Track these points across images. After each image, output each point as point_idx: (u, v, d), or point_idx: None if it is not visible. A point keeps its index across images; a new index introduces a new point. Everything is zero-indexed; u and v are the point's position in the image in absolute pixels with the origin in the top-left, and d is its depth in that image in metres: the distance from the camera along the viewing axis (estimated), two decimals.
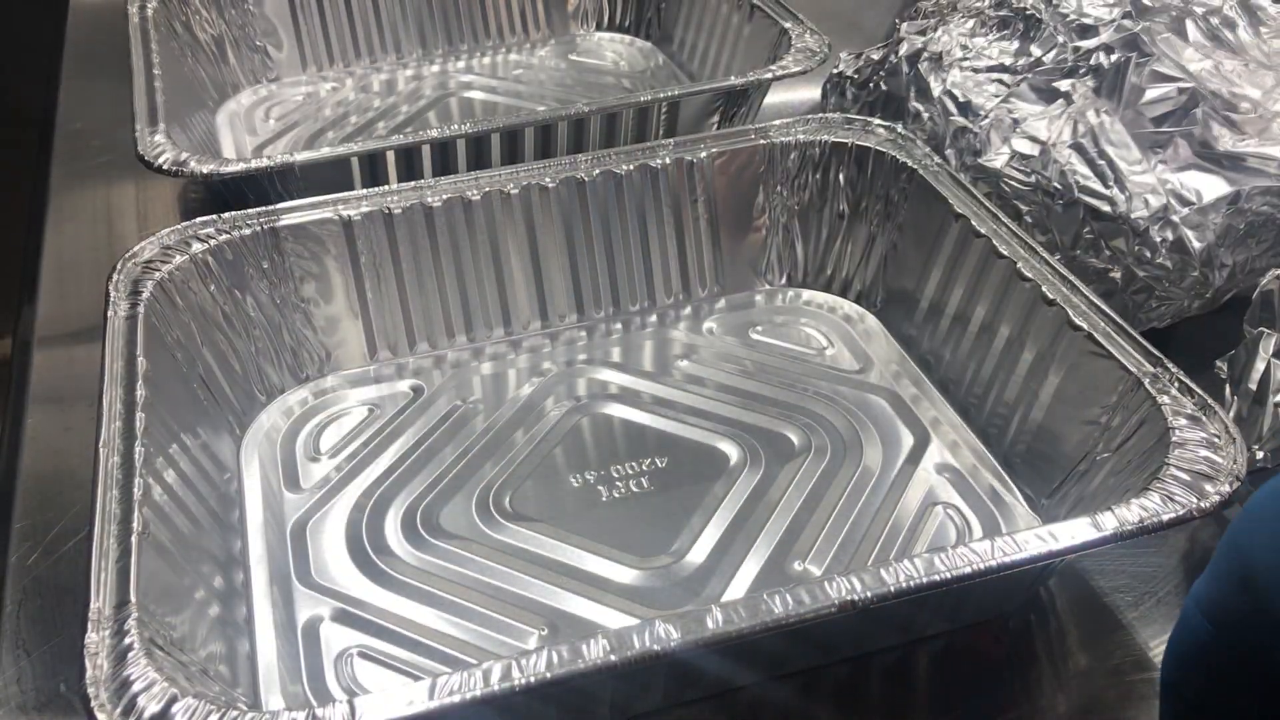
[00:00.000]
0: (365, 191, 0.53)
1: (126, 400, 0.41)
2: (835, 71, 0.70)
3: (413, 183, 0.54)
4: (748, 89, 0.66)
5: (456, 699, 0.31)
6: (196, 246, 0.49)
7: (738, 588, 0.44)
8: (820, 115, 0.59)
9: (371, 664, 0.41)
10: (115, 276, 0.47)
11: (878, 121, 0.58)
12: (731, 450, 0.50)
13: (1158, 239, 0.51)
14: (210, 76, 0.76)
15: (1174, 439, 0.40)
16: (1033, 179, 0.54)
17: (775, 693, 0.40)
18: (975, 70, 0.60)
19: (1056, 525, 0.36)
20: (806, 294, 0.60)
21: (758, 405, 0.53)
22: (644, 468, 0.49)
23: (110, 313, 0.45)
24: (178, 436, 0.43)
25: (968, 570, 0.35)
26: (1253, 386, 0.44)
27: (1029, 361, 0.48)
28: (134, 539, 0.36)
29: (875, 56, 0.67)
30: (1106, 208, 0.52)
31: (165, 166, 0.56)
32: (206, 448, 0.46)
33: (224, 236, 0.50)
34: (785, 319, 0.59)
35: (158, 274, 0.47)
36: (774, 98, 0.73)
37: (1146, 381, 0.43)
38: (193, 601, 0.38)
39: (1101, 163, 0.53)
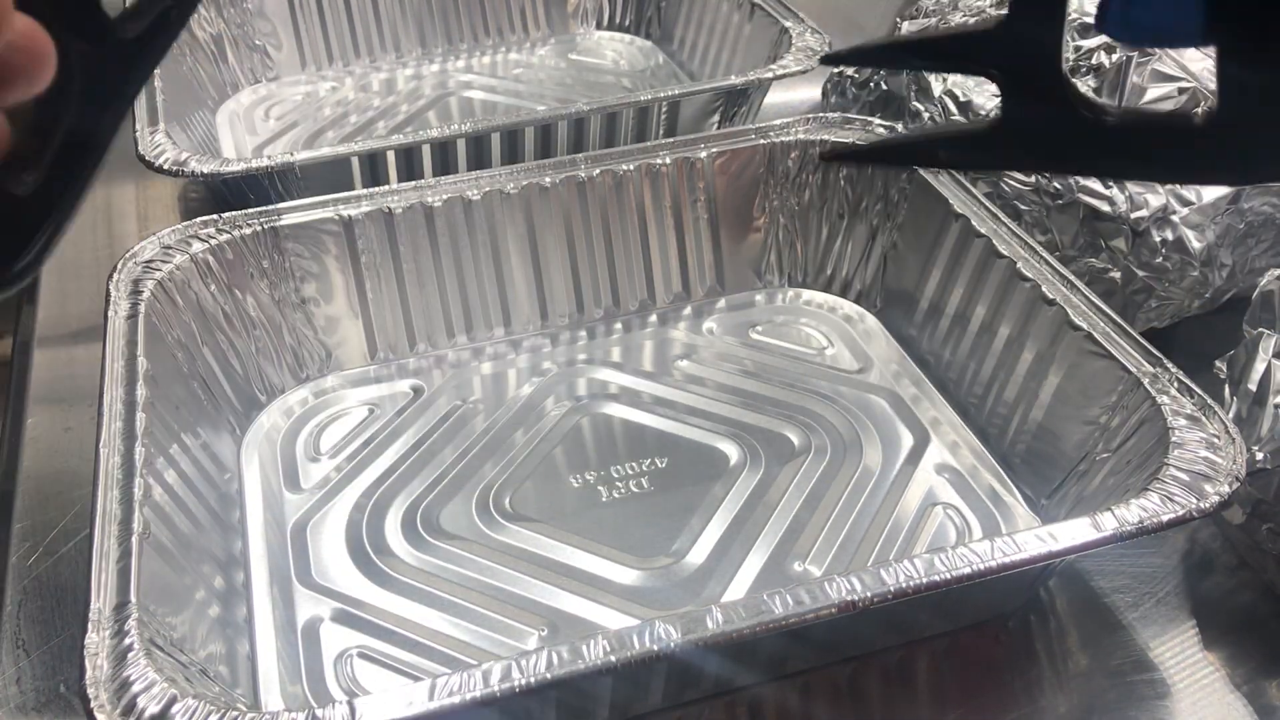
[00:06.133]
0: (365, 191, 0.53)
1: (127, 400, 0.41)
2: (835, 71, 0.70)
3: (413, 182, 0.54)
4: (748, 88, 0.66)
5: (456, 699, 0.31)
6: (197, 246, 0.49)
7: (738, 588, 0.44)
8: (820, 115, 0.59)
9: (371, 664, 0.41)
10: (116, 276, 0.47)
11: (878, 121, 0.58)
12: (731, 450, 0.50)
13: (1157, 239, 0.51)
14: (210, 76, 0.76)
15: (1173, 439, 0.40)
16: (1032, 179, 0.54)
17: (775, 693, 0.40)
18: None
19: (1056, 526, 0.36)
20: (806, 294, 0.60)
21: (758, 405, 0.53)
22: (644, 468, 0.49)
23: (111, 312, 0.45)
24: (178, 436, 0.43)
25: (967, 571, 0.35)
26: (1252, 387, 0.44)
27: (1028, 361, 0.48)
28: (134, 539, 0.36)
29: None
30: (1106, 208, 0.52)
31: (166, 166, 0.56)
32: (207, 448, 0.46)
33: (224, 236, 0.50)
34: (785, 319, 0.59)
35: (158, 273, 0.47)
36: (774, 97, 0.73)
37: (1146, 382, 0.43)
38: (193, 602, 0.38)
39: None
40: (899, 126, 0.58)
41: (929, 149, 0.25)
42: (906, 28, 0.66)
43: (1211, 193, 0.51)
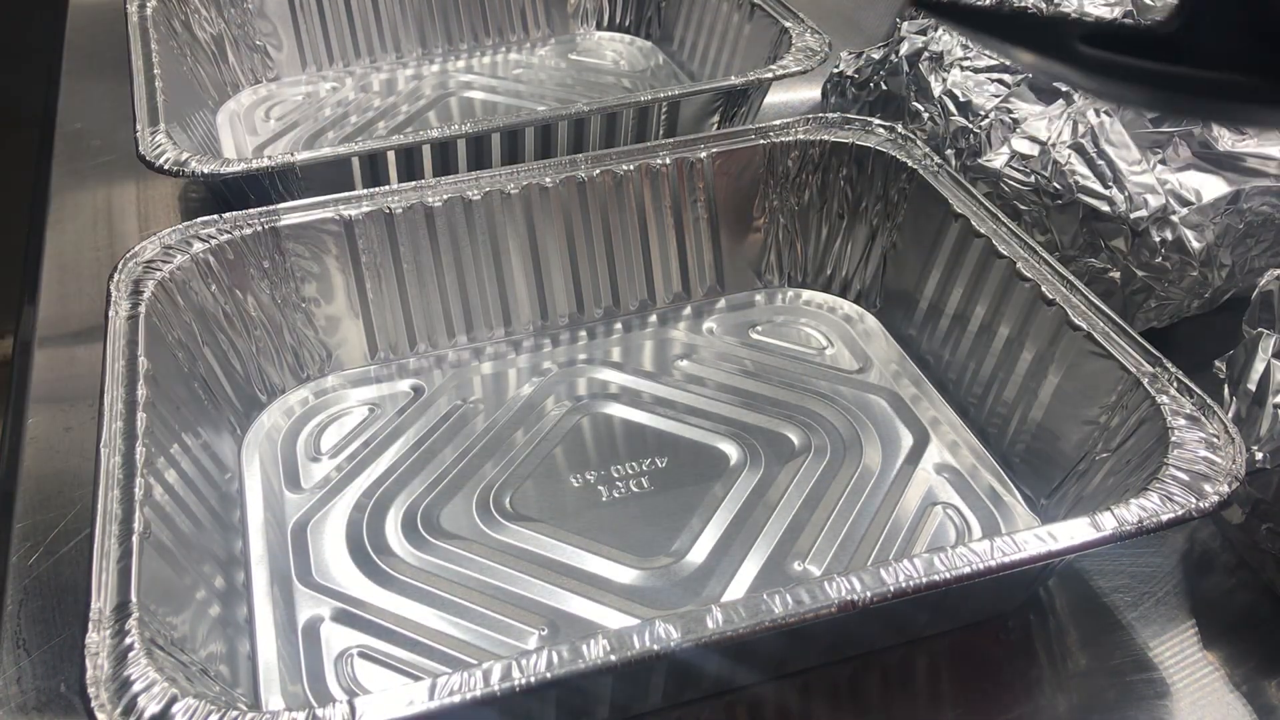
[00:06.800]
0: (366, 191, 0.53)
1: (128, 400, 0.41)
2: (835, 71, 0.70)
3: (413, 182, 0.54)
4: (748, 89, 0.66)
5: (456, 699, 0.31)
6: (197, 246, 0.49)
7: (738, 588, 0.44)
8: (820, 115, 0.59)
9: (371, 664, 0.41)
10: (116, 276, 0.47)
11: (878, 121, 0.58)
12: (731, 450, 0.50)
13: (1157, 239, 0.51)
14: (210, 76, 0.76)
15: (1173, 439, 0.40)
16: (1032, 179, 0.54)
17: (775, 693, 0.40)
18: (975, 70, 0.60)
19: (1056, 525, 0.36)
20: (806, 294, 0.60)
21: (758, 405, 0.53)
22: (644, 468, 0.49)
23: (111, 312, 0.45)
24: (179, 436, 0.43)
25: (967, 570, 0.35)
26: (1252, 387, 0.44)
27: (1028, 361, 0.48)
28: (135, 539, 0.36)
29: (876, 56, 0.67)
30: (1106, 208, 0.52)
31: (166, 166, 0.56)
32: (208, 447, 0.46)
33: (225, 236, 0.50)
34: (785, 319, 0.59)
35: (159, 273, 0.48)
36: (774, 98, 0.73)
37: (1145, 381, 0.43)
38: (193, 601, 0.38)
39: (1101, 163, 0.53)
40: (898, 126, 0.58)
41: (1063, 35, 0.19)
42: (906, 28, 0.66)
43: (1211, 193, 0.52)
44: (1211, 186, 0.52)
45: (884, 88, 0.65)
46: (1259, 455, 0.42)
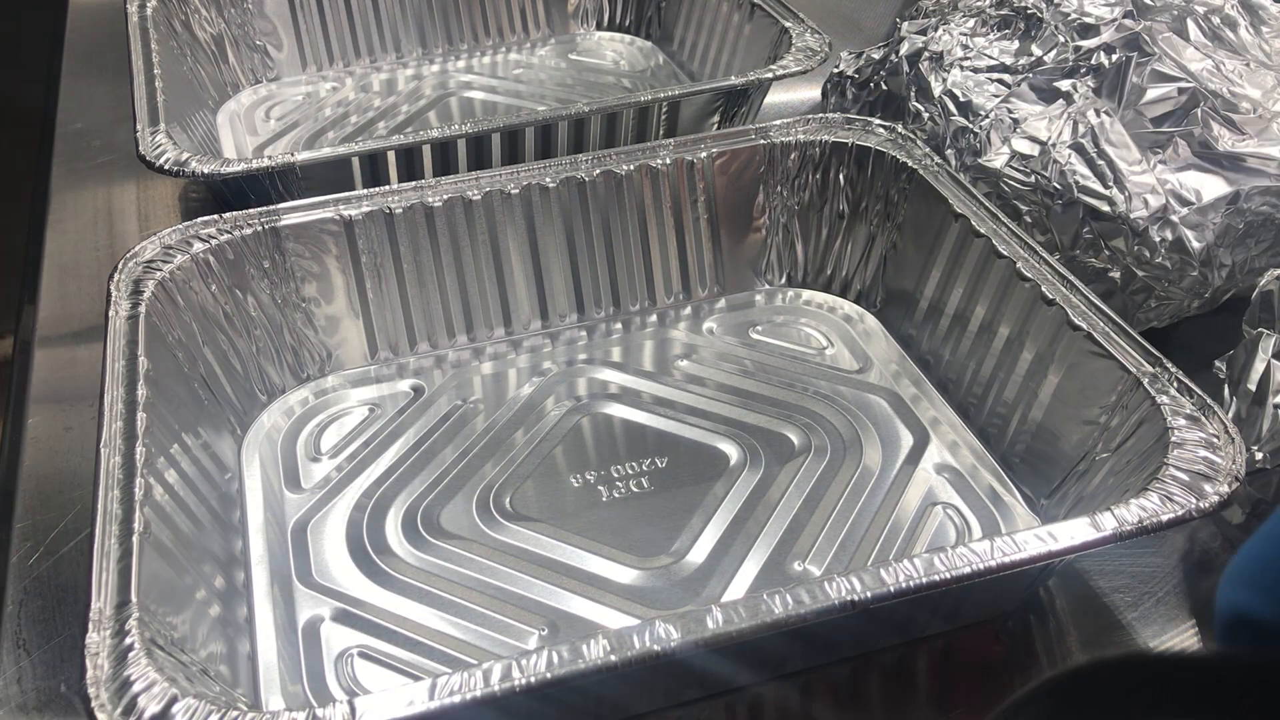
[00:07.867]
0: (366, 191, 0.53)
1: (128, 400, 0.41)
2: (835, 71, 0.70)
3: (413, 182, 0.54)
4: (748, 89, 0.66)
5: (456, 699, 0.31)
6: (198, 246, 0.49)
7: (738, 588, 0.44)
8: (820, 115, 0.59)
9: (371, 664, 0.41)
10: (116, 276, 0.47)
11: (878, 121, 0.58)
12: (731, 450, 0.50)
13: (1157, 239, 0.51)
14: (210, 76, 0.76)
15: (1173, 439, 0.40)
16: (1032, 179, 0.54)
17: (775, 693, 0.40)
18: (975, 70, 0.60)
19: (1056, 525, 0.36)
20: (806, 294, 0.60)
21: (758, 405, 0.53)
22: (644, 468, 0.49)
23: (111, 312, 0.45)
24: (179, 436, 0.43)
25: (967, 570, 0.35)
26: (1252, 387, 0.44)
27: (1028, 361, 0.48)
28: (135, 539, 0.36)
29: (876, 56, 0.67)
30: (1106, 208, 0.52)
31: (167, 166, 0.56)
32: (208, 447, 0.46)
33: (225, 236, 0.50)
34: (785, 319, 0.59)
35: (159, 273, 0.48)
36: (774, 98, 0.73)
37: (1146, 381, 0.43)
38: (193, 601, 0.38)
39: (1101, 163, 0.53)
40: (898, 126, 0.58)
41: None
42: (906, 28, 0.66)
43: (1211, 193, 0.52)
44: (1211, 186, 0.52)
45: (884, 88, 0.65)
46: (1259, 455, 0.42)
